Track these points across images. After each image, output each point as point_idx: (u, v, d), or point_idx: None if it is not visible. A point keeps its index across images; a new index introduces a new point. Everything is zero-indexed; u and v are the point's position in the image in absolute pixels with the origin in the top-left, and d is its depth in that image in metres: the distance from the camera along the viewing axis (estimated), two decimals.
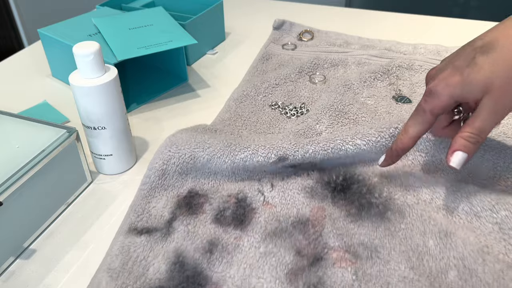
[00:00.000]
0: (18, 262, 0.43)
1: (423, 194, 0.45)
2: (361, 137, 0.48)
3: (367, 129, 0.49)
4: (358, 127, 0.53)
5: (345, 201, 0.45)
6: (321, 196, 0.46)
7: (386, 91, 0.63)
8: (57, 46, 0.66)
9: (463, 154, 0.39)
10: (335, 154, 0.48)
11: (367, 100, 0.61)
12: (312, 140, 0.48)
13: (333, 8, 0.94)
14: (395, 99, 0.61)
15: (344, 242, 0.41)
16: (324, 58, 0.70)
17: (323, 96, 0.61)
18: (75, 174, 0.49)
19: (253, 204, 0.46)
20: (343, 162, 0.49)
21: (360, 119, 0.57)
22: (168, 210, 0.45)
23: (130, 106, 0.64)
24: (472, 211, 0.43)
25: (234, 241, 0.42)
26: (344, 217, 0.44)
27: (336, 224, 0.43)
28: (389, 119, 0.57)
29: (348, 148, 0.47)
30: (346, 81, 0.64)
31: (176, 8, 0.83)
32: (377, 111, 0.59)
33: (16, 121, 0.49)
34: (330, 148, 0.47)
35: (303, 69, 0.68)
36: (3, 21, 1.88)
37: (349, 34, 0.78)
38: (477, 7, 1.52)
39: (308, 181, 0.47)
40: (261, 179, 0.48)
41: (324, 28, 0.81)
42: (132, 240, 0.42)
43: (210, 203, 0.46)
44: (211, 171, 0.48)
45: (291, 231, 0.42)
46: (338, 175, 0.48)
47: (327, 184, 0.47)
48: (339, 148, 0.47)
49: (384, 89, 0.63)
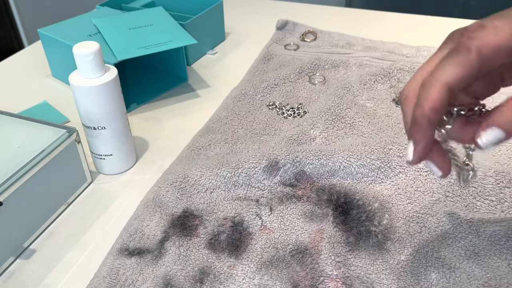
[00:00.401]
0: (18, 262, 0.43)
1: (427, 222, 0.43)
2: (352, 154, 0.48)
3: (361, 146, 0.49)
4: (349, 139, 0.53)
5: (344, 227, 0.43)
6: (321, 216, 0.44)
7: (387, 94, 0.63)
8: (57, 46, 0.66)
9: (501, 134, 0.28)
10: (328, 166, 0.48)
11: (367, 102, 0.61)
12: (305, 149, 0.49)
13: (334, 8, 0.94)
14: (395, 102, 0.61)
15: (342, 272, 0.39)
16: (325, 59, 0.70)
17: (321, 98, 0.61)
18: (75, 174, 0.49)
19: (250, 228, 0.44)
20: (339, 175, 0.48)
21: (357, 123, 0.56)
22: (161, 229, 0.43)
23: (130, 106, 0.64)
24: (480, 242, 0.40)
25: (227, 270, 0.40)
26: (343, 244, 0.41)
27: (335, 249, 0.41)
28: (388, 122, 0.57)
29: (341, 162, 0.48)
30: (345, 84, 0.63)
31: (176, 8, 0.83)
32: (376, 114, 0.58)
33: (16, 121, 0.49)
34: (322, 158, 0.48)
35: (303, 69, 0.68)
36: (3, 21, 1.88)
37: (352, 35, 0.78)
38: (477, 7, 1.52)
39: (308, 206, 0.45)
40: (259, 200, 0.46)
41: (325, 28, 0.81)
42: (122, 262, 0.41)
43: (204, 225, 0.44)
44: (206, 188, 0.47)
45: (288, 260, 0.40)
46: (339, 197, 0.46)
47: (328, 201, 0.46)
48: (332, 161, 0.48)
49: (384, 92, 0.63)
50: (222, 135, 0.56)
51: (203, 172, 0.48)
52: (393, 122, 0.57)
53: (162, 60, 0.71)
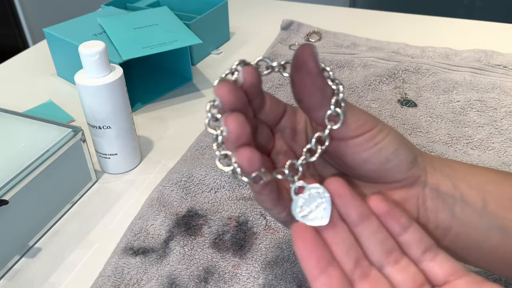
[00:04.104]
0: (23, 260, 0.43)
1: None
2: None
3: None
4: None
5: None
6: None
7: (392, 94, 0.62)
8: (63, 45, 0.66)
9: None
10: None
11: (371, 103, 0.61)
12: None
13: (339, 8, 0.94)
14: (400, 103, 0.61)
15: None
16: (330, 60, 0.70)
17: None
18: (80, 173, 0.49)
19: (254, 228, 0.43)
20: None
21: None
22: (166, 228, 0.43)
23: (135, 106, 0.64)
24: None
25: (232, 269, 0.40)
26: None
27: None
28: (393, 123, 0.57)
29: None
30: (350, 84, 0.63)
31: (181, 7, 0.83)
32: (380, 115, 0.58)
33: (22, 120, 0.49)
34: None
35: None
36: (8, 20, 1.88)
37: (357, 35, 0.78)
38: (481, 7, 1.51)
39: None
40: None
41: (330, 28, 0.81)
42: (127, 261, 0.41)
43: (209, 225, 0.44)
44: (210, 187, 0.47)
45: (293, 260, 0.40)
46: None
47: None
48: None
49: (389, 93, 0.63)
50: None
51: (207, 172, 0.48)
52: (398, 123, 0.57)
53: (167, 59, 0.71)
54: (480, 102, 0.58)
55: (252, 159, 0.25)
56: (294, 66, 0.26)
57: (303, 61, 0.25)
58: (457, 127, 0.55)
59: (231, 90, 0.25)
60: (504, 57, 0.66)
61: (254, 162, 0.25)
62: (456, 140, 0.53)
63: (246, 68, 0.27)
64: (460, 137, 0.53)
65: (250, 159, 0.25)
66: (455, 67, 0.66)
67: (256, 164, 0.25)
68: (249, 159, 0.25)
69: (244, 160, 0.25)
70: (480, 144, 0.52)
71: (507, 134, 0.53)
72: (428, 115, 0.57)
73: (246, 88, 0.27)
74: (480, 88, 0.61)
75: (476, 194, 0.29)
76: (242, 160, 0.25)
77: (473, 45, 0.71)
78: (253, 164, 0.25)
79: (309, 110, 0.27)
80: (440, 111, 0.58)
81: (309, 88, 0.26)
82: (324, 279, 0.24)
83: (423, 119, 0.57)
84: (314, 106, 0.27)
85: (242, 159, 0.25)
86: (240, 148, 0.25)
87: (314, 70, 0.25)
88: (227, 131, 0.25)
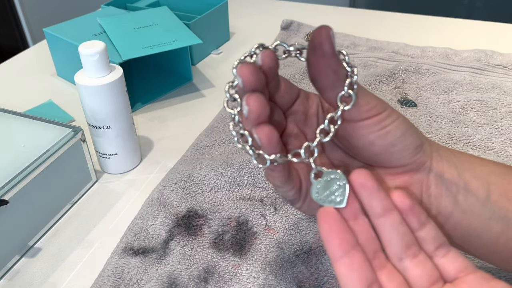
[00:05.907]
0: (23, 260, 0.43)
1: None
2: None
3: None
4: None
5: None
6: None
7: (391, 94, 0.62)
8: (63, 45, 0.66)
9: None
10: None
11: None
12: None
13: (339, 8, 0.94)
14: (400, 103, 0.61)
15: None
16: None
17: None
18: (80, 173, 0.49)
19: (254, 228, 0.44)
20: None
21: None
22: (166, 228, 0.43)
23: (135, 106, 0.64)
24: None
25: (232, 269, 0.40)
26: None
27: None
28: None
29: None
30: None
31: (181, 7, 0.83)
32: None
33: (22, 120, 0.49)
34: None
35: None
36: (8, 20, 1.88)
37: (357, 35, 0.78)
38: (482, 7, 1.51)
39: None
40: (263, 200, 0.46)
41: None
42: (127, 261, 0.41)
43: (209, 225, 0.44)
44: (210, 187, 0.47)
45: (293, 260, 0.40)
46: None
47: None
48: None
49: (389, 93, 0.63)
50: (227, 135, 0.56)
51: (207, 172, 0.48)
52: None
53: (167, 59, 0.71)
54: (480, 102, 0.58)
55: (271, 135, 0.26)
56: (310, 47, 0.27)
57: (319, 42, 0.26)
58: (457, 127, 0.55)
59: (252, 71, 0.26)
60: (504, 57, 0.67)
61: (273, 138, 0.26)
62: (456, 140, 0.53)
63: (265, 52, 0.28)
64: (460, 137, 0.53)
65: (269, 135, 0.26)
66: (455, 67, 0.66)
67: (274, 140, 0.26)
68: (268, 135, 0.26)
69: (264, 136, 0.26)
70: (480, 144, 0.52)
71: (507, 134, 0.53)
72: (428, 115, 0.57)
73: (264, 70, 0.28)
74: (480, 88, 0.61)
75: (480, 184, 0.29)
76: (262, 136, 0.26)
77: (473, 45, 0.71)
78: (272, 140, 0.26)
79: (323, 90, 0.28)
80: (440, 111, 0.58)
81: (323, 68, 0.27)
82: (347, 260, 0.25)
83: (423, 119, 0.57)
84: (328, 86, 0.28)
85: (262, 135, 0.26)
86: (259, 125, 0.26)
87: (329, 51, 0.26)
88: (248, 110, 0.26)
